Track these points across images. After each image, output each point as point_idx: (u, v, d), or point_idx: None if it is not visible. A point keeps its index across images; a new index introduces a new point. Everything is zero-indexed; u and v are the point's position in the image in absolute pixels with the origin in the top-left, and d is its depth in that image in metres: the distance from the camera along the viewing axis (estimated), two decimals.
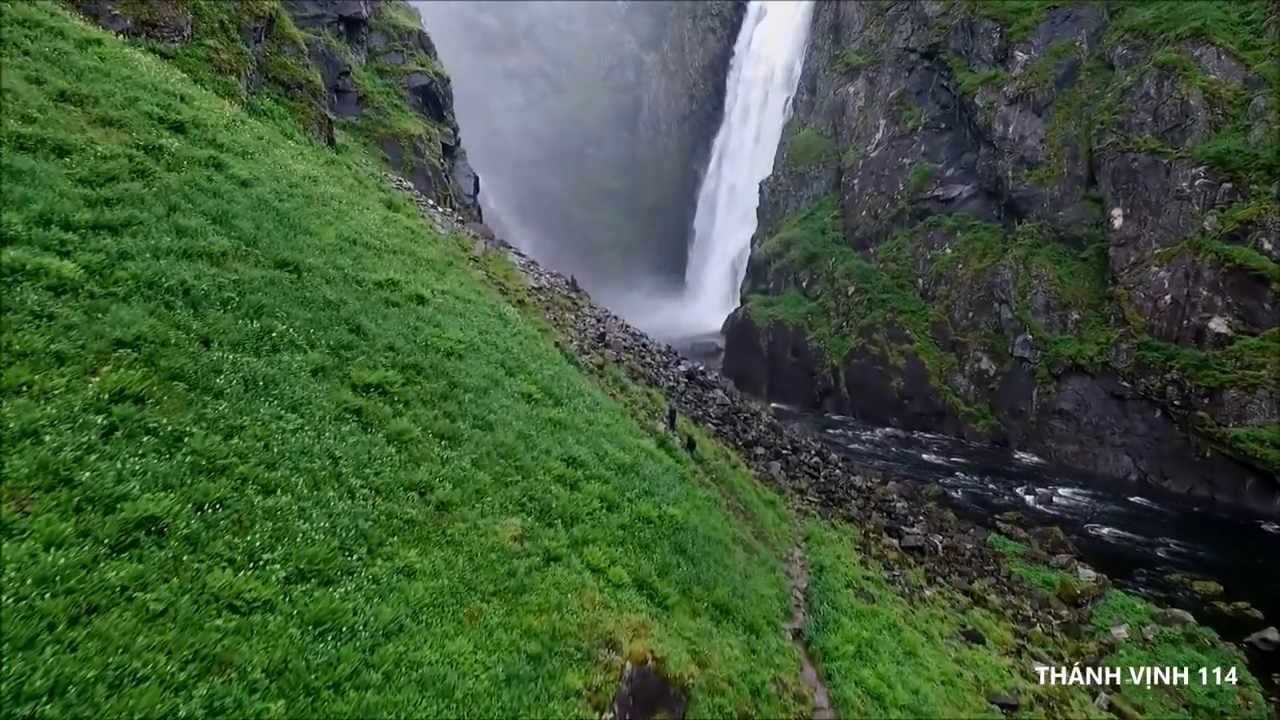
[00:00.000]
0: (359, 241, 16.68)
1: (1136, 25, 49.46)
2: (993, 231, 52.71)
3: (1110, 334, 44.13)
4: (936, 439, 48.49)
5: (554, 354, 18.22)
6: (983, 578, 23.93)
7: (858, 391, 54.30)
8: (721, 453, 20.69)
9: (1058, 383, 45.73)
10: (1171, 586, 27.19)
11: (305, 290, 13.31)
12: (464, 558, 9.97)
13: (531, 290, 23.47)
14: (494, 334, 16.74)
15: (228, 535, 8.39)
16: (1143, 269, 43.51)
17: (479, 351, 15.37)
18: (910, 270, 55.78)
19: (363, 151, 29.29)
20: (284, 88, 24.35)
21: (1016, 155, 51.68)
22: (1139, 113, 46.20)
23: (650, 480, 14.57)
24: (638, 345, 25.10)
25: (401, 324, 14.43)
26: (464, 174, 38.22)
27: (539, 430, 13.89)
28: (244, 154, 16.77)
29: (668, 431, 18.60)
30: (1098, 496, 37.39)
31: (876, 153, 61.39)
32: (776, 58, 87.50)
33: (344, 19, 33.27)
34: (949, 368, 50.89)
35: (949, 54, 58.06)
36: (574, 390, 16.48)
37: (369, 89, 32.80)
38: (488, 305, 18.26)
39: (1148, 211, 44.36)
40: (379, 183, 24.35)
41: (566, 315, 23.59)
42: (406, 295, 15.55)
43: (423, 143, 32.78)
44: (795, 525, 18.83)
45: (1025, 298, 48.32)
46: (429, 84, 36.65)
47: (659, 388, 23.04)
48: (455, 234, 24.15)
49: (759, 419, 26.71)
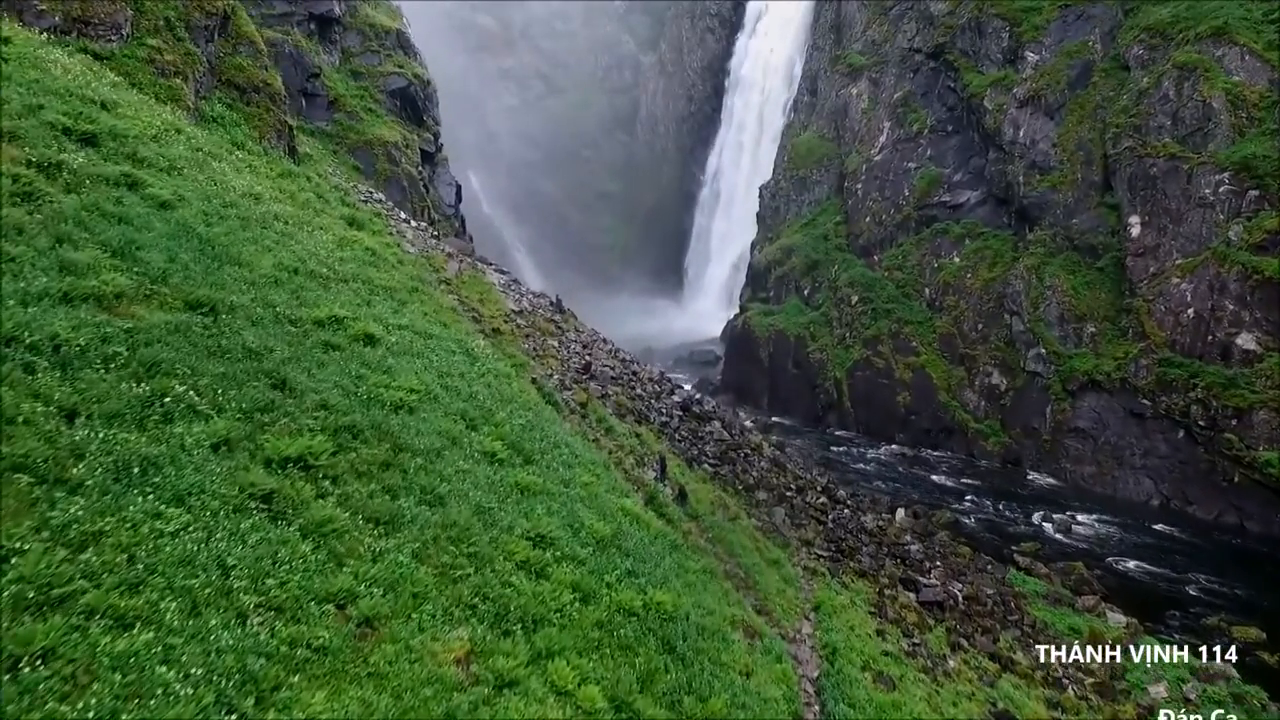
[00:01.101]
0: (302, 270, 14.52)
1: (1153, 24, 47.33)
2: (1003, 239, 50.58)
3: (1129, 348, 41.99)
4: (945, 457, 46.35)
5: (529, 395, 16.08)
6: (1007, 629, 21.80)
7: (862, 406, 52.15)
8: (719, 502, 18.57)
9: (1073, 399, 43.59)
10: (1209, 632, 25.05)
11: (221, 337, 11.16)
12: (388, 697, 7.79)
13: (510, 315, 21.35)
14: (458, 376, 14.58)
15: (52, 701, 6.25)
16: (1163, 280, 41.38)
17: (436, 401, 13.21)
18: (916, 279, 53.65)
19: (331, 160, 27.15)
20: (239, 91, 22.22)
21: (1027, 160, 49.57)
22: (1157, 116, 44.09)
23: (635, 554, 12.42)
24: (627, 374, 22.84)
25: (342, 372, 12.27)
26: (445, 182, 35.94)
27: (502, 500, 11.73)
28: (170, 170, 14.62)
29: (657, 483, 16.48)
30: (1119, 524, 35.26)
31: (880, 156, 59.27)
32: (776, 58, 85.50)
33: (315, 17, 31.08)
34: (957, 382, 48.75)
35: (956, 54, 55.96)
36: (549, 442, 14.33)
37: (341, 92, 30.63)
38: (454, 340, 16.11)
39: (1168, 219, 42.24)
40: (343, 196, 22.24)
41: (549, 342, 21.43)
42: (353, 335, 13.39)
43: (399, 150, 30.60)
44: (803, 589, 16.72)
45: (1038, 309, 46.18)
46: (407, 86, 34.41)
47: (650, 424, 20.87)
48: (427, 253, 22.02)
49: (760, 453, 24.56)
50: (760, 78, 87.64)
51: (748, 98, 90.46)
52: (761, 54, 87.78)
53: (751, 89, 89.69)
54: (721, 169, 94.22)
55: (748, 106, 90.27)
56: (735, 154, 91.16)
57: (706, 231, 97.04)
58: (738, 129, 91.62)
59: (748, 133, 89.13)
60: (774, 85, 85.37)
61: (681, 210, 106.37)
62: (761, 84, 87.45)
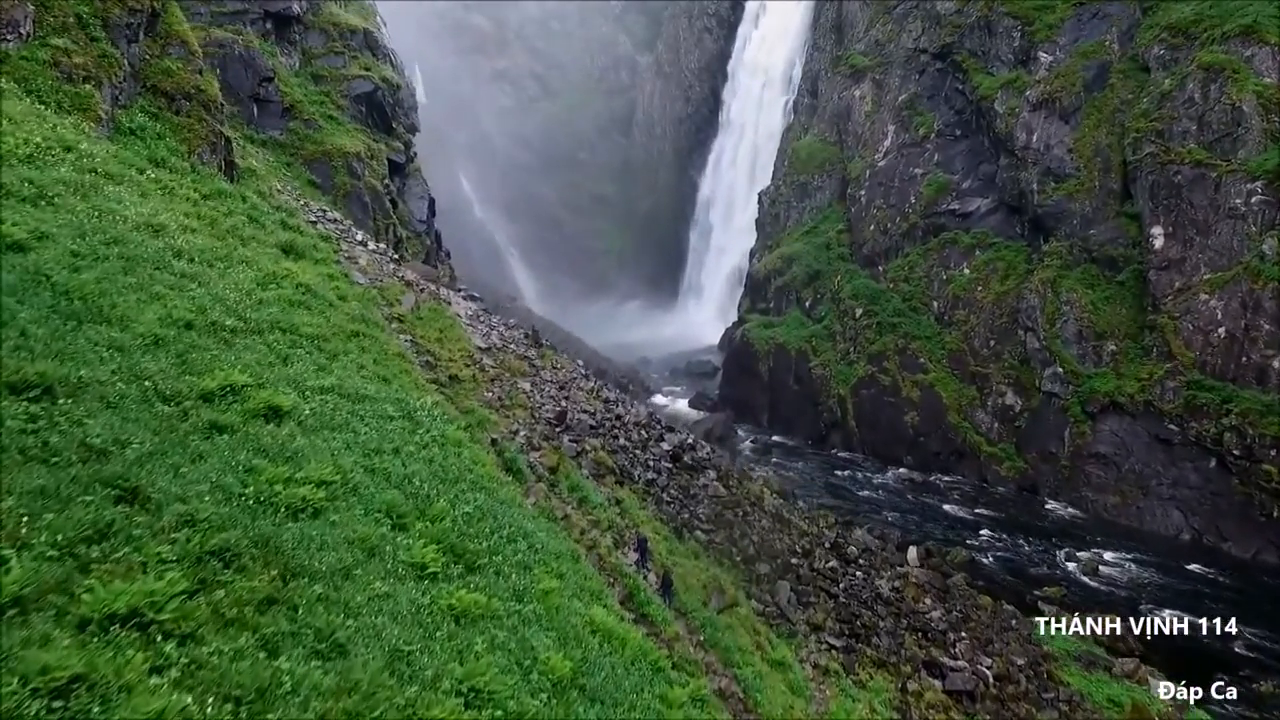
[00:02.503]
0: (199, 323, 11.79)
1: (1175, 23, 44.69)
2: (1016, 250, 47.91)
3: (1153, 369, 39.34)
4: (956, 483, 43.68)
5: (484, 467, 13.37)
6: (1043, 709, 19.12)
7: (868, 426, 49.47)
8: (714, 584, 15.91)
9: (1093, 422, 40.91)
10: (1265, 703, 22.41)
11: (51, 432, 8.43)
12: None
13: (476, 355, 18.66)
14: (389, 453, 11.87)
15: None
16: (1190, 296, 38.74)
17: (356, 494, 10.49)
18: (924, 291, 50.96)
19: (283, 174, 24.43)
20: (167, 99, 19.53)
21: (1042, 166, 46.90)
22: (1181, 120, 41.44)
23: (604, 696, 9.72)
24: (609, 420, 20.09)
25: (226, 466, 9.54)
26: (417, 195, 33.15)
27: (429, 636, 8.98)
28: (37, 199, 11.92)
29: (638, 571, 13.82)
30: (1149, 563, 32.59)
31: (885, 162, 56.59)
32: (775, 59, 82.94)
33: (272, 15, 28.26)
34: (969, 402, 46.08)
35: (964, 55, 53.31)
36: (502, 535, 11.63)
37: (298, 98, 27.86)
38: (394, 399, 13.41)
39: (1194, 231, 39.60)
40: (285, 218, 19.54)
41: (520, 385, 18.74)
42: (251, 409, 10.65)
43: (361, 161, 27.81)
44: (814, 698, 14.06)
45: (1054, 325, 43.51)
46: (374, 91, 31.52)
47: (634, 483, 18.19)
48: (380, 283, 19.31)
49: (761, 506, 21.81)
50: (759, 79, 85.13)
51: (746, 99, 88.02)
52: (761, 55, 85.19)
53: (750, 90, 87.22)
54: (720, 172, 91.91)
55: (746, 108, 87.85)
56: (734, 157, 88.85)
57: (704, 236, 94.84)
58: (736, 131, 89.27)
59: (746, 135, 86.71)
60: (773, 87, 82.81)
61: (679, 214, 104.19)
62: (761, 85, 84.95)
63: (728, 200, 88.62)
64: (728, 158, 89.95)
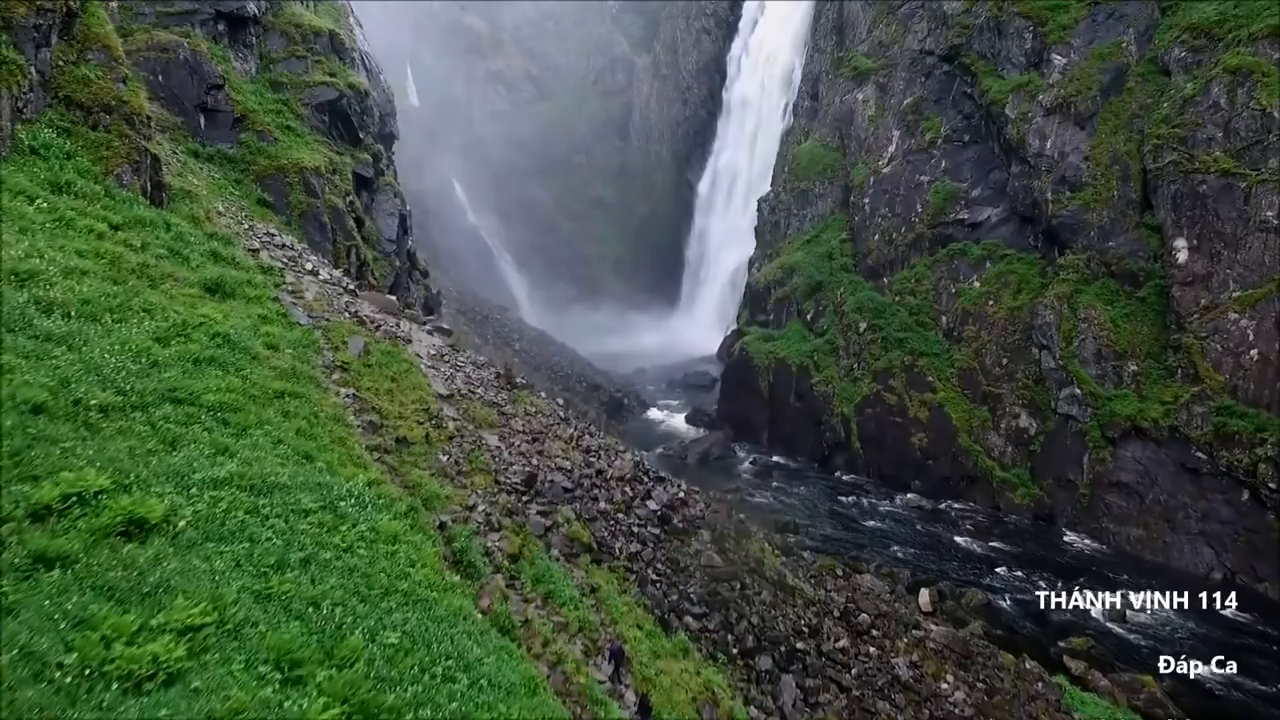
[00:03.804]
0: (56, 404, 9.36)
1: (1197, 23, 42.28)
2: (1029, 263, 45.48)
3: (1178, 392, 36.94)
4: (968, 511, 41.26)
5: (423, 569, 10.93)
6: None
7: (873, 447, 47.06)
8: (705, 695, 13.50)
9: (1113, 448, 38.51)
10: None
11: None
12: None
13: (436, 403, 16.23)
14: (296, 567, 9.44)
15: None
16: (1218, 315, 36.35)
17: (238, 638, 8.06)
18: (931, 305, 48.54)
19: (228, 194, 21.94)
20: (82, 112, 17.13)
21: (1056, 174, 44.47)
22: (1206, 126, 39.04)
23: None
24: (588, 478, 17.46)
25: (45, 620, 7.14)
26: (387, 212, 30.53)
27: None
28: None
29: (612, 689, 11.43)
30: (1181, 610, 30.14)
31: (890, 168, 54.15)
32: (775, 60, 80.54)
33: (225, 16, 25.63)
34: (980, 424, 43.66)
35: (973, 57, 50.89)
36: (436, 672, 9.20)
37: (252, 107, 25.30)
38: (314, 485, 10.98)
39: (1221, 245, 37.21)
40: (220, 247, 17.12)
41: (485, 440, 16.25)
42: (102, 526, 8.22)
43: (321, 177, 25.26)
44: None
45: (1071, 343, 41.09)
46: (338, 99, 28.84)
47: (614, 559, 15.75)
48: (325, 321, 16.86)
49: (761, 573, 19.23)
50: (758, 81, 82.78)
51: (745, 102, 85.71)
52: (760, 56, 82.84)
53: (749, 93, 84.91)
54: (718, 176, 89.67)
55: (745, 111, 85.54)
56: (732, 160, 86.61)
57: (702, 242, 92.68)
58: (735, 134, 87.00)
59: (745, 138, 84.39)
60: (773, 89, 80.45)
61: (676, 218, 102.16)
62: (759, 88, 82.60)
63: (726, 205, 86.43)
64: (726, 161, 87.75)
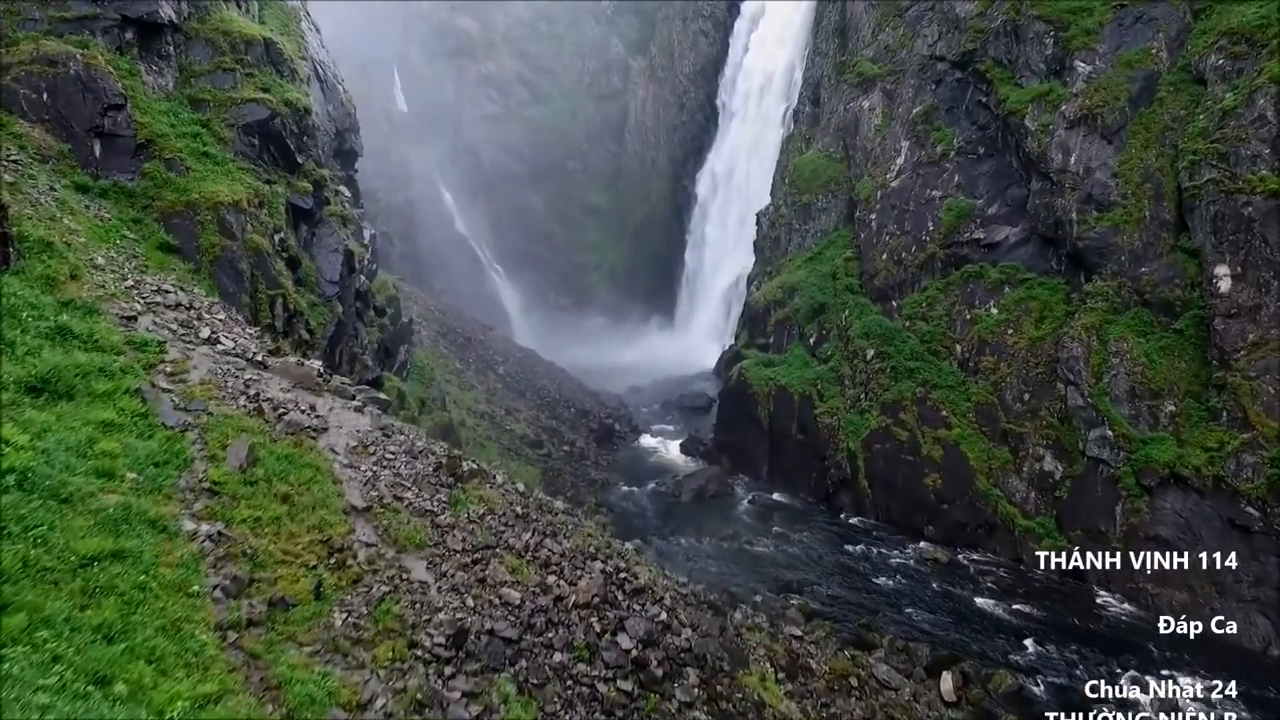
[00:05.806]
0: None
1: (1236, 28, 38.56)
2: (1052, 288, 41.80)
3: (1223, 437, 33.30)
4: (988, 564, 37.61)
5: None
6: None
7: (882, 487, 43.39)
8: None
9: (1150, 497, 34.86)
10: None
11: None
12: None
13: (344, 525, 12.57)
14: None
15: None
16: (1269, 352, 32.70)
17: None
18: (944, 333, 44.86)
19: (119, 238, 18.21)
20: None
21: (1081, 192, 40.79)
22: (1250, 142, 35.36)
23: None
24: (540, 615, 13.26)
25: None
26: (329, 249, 26.57)
27: None
28: None
29: None
30: (1239, 694, 26.51)
31: (898, 182, 50.47)
32: (775, 64, 77.04)
33: (134, 22, 21.64)
34: (1000, 465, 39.98)
35: (988, 63, 47.21)
36: None
37: (161, 130, 21.44)
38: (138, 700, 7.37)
39: (1271, 273, 33.55)
40: (75, 321, 13.39)
41: (406, 575, 12.58)
42: None
43: (241, 213, 21.43)
44: None
45: (1101, 379, 37.42)
46: (270, 119, 24.73)
47: None
48: (206, 416, 13.19)
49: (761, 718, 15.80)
50: (757, 85, 79.25)
51: (744, 106, 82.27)
52: (759, 59, 79.31)
53: (748, 96, 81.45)
54: (716, 183, 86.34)
55: (744, 116, 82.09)
56: (730, 167, 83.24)
57: (699, 251, 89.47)
58: (733, 140, 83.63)
59: (744, 145, 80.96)
60: (772, 94, 76.92)
61: (673, 226, 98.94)
62: (759, 91, 79.08)
63: (723, 214, 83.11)
64: (724, 167, 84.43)
